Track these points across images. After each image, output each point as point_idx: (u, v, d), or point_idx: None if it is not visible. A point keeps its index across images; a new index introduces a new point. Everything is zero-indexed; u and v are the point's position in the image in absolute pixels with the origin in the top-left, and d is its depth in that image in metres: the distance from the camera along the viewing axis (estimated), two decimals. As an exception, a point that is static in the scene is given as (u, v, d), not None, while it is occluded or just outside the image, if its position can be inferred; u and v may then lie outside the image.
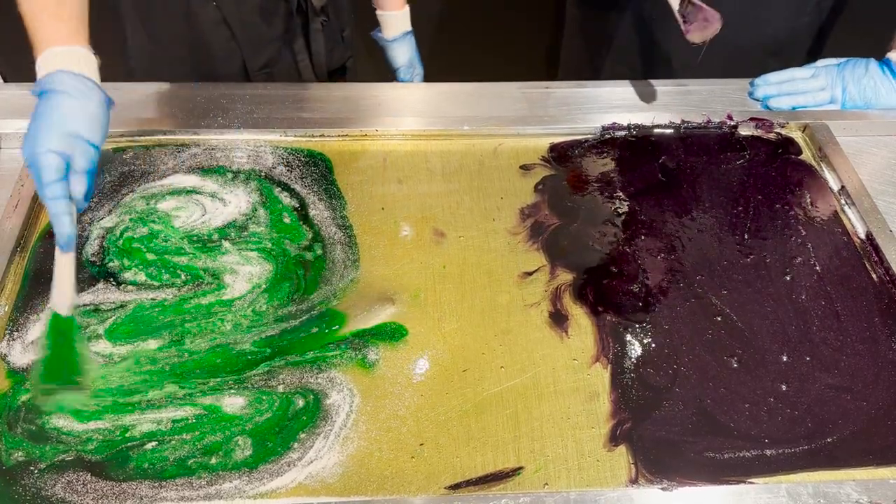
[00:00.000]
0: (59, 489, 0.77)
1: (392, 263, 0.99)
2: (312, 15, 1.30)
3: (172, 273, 0.96)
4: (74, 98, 0.85)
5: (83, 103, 0.85)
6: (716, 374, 0.89)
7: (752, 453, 0.83)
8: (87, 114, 0.85)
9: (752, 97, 1.27)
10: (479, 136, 1.17)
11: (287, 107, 1.20)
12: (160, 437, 0.81)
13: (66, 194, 0.83)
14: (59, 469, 0.78)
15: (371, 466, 0.80)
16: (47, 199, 0.83)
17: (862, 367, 0.90)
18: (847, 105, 1.23)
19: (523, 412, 0.85)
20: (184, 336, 0.90)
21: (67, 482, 0.77)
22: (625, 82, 1.29)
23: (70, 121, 0.84)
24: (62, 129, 0.83)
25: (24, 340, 0.88)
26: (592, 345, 0.91)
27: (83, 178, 0.85)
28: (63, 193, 0.83)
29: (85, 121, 0.85)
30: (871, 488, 0.79)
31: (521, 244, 1.02)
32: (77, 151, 0.84)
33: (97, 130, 0.86)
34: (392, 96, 1.25)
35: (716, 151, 1.16)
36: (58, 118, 0.84)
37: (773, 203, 1.09)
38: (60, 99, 0.84)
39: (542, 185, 1.10)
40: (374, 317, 0.93)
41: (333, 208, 1.05)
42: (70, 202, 0.84)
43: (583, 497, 0.78)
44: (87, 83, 0.86)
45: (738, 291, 0.97)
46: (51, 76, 0.85)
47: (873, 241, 1.02)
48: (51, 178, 0.82)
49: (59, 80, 0.85)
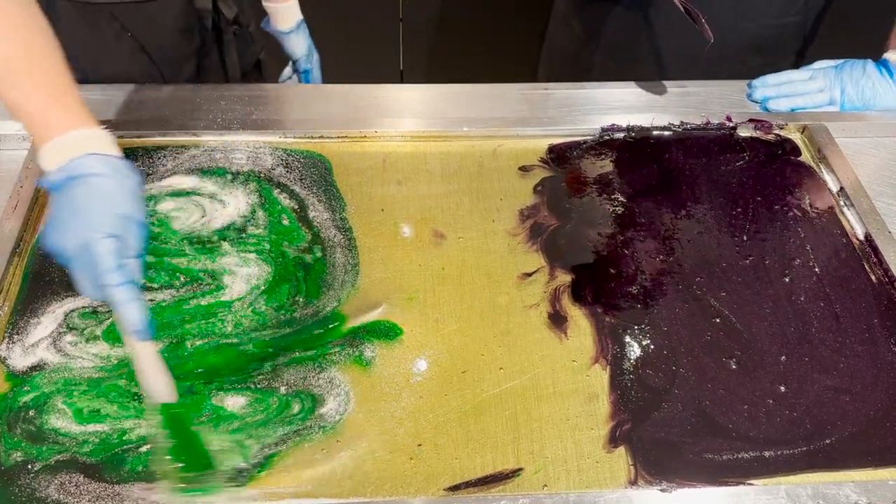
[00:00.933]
0: (53, 490, 0.77)
1: (391, 265, 0.99)
2: (225, 26, 1.31)
3: (171, 275, 0.96)
4: (114, 179, 0.79)
5: (123, 183, 0.80)
6: (715, 376, 0.89)
7: (751, 455, 0.83)
8: (129, 193, 0.80)
9: (750, 99, 1.27)
10: (478, 137, 1.17)
11: (286, 108, 1.20)
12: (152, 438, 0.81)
13: (130, 279, 0.77)
14: (54, 470, 0.78)
15: (369, 468, 0.80)
16: (113, 286, 0.75)
17: (861, 368, 0.90)
18: (846, 106, 1.23)
19: (522, 413, 0.85)
20: (183, 337, 0.90)
21: (61, 483, 0.77)
22: (623, 84, 1.29)
23: (118, 203, 0.79)
24: (113, 211, 0.78)
25: (24, 343, 0.88)
26: (591, 346, 0.92)
27: (139, 261, 0.80)
28: (127, 279, 0.77)
29: (130, 201, 0.80)
30: (871, 489, 0.79)
31: (521, 245, 1.02)
32: (129, 233, 0.78)
33: (142, 209, 0.81)
34: (391, 97, 1.25)
35: (715, 153, 1.16)
36: (105, 201, 0.78)
37: (772, 204, 1.09)
38: (101, 182, 0.79)
39: (542, 187, 1.10)
40: (372, 317, 0.93)
41: (333, 210, 1.05)
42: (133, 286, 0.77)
43: (582, 498, 0.78)
44: (121, 163, 0.81)
45: (737, 293, 0.97)
46: (80, 160, 0.79)
47: (872, 243, 1.02)
48: (113, 264, 0.76)
49: (92, 164, 0.79)
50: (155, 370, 0.80)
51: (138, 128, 1.13)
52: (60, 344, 0.88)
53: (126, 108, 1.17)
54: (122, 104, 1.18)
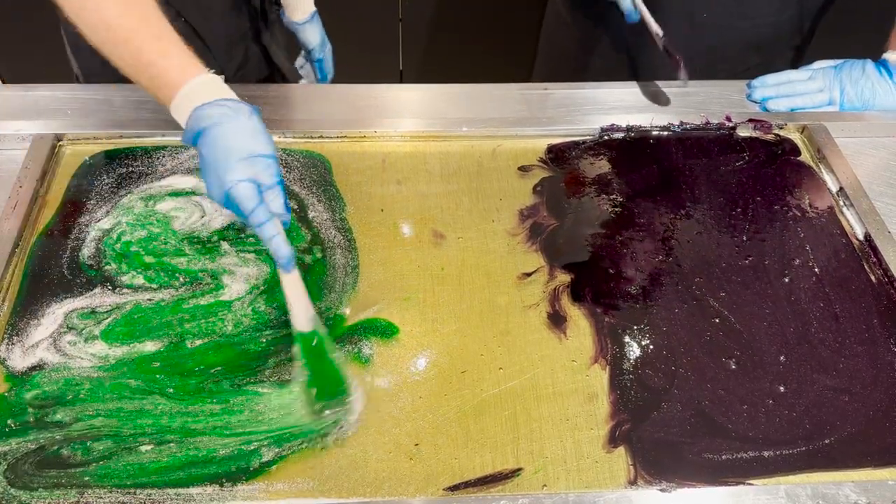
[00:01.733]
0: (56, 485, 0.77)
1: (391, 265, 0.99)
2: (270, 5, 1.33)
3: (171, 275, 0.96)
4: (231, 124, 0.83)
5: (240, 125, 0.83)
6: (714, 376, 0.89)
7: (751, 455, 0.83)
8: (251, 131, 0.83)
9: (749, 99, 1.27)
10: (477, 137, 1.17)
11: (286, 108, 1.20)
12: (155, 438, 0.81)
13: (271, 215, 0.82)
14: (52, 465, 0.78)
15: (369, 468, 0.80)
16: (255, 226, 0.81)
17: (860, 368, 0.90)
18: (845, 106, 1.23)
19: (522, 413, 0.85)
20: (183, 336, 0.90)
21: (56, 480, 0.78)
22: (623, 84, 1.30)
23: (241, 145, 0.82)
24: (237, 156, 0.82)
25: (24, 344, 0.88)
26: (591, 346, 0.92)
27: (276, 191, 0.83)
28: (267, 216, 0.81)
29: (253, 138, 0.83)
30: (870, 489, 0.79)
31: (520, 245, 1.02)
32: (260, 170, 0.82)
33: (267, 142, 0.85)
34: (390, 98, 1.25)
35: (714, 153, 1.16)
36: (229, 149, 0.82)
37: (771, 204, 1.09)
38: (220, 131, 0.82)
39: (541, 187, 1.10)
40: (370, 315, 0.93)
41: (332, 210, 1.05)
42: (276, 220, 0.82)
43: (582, 499, 0.78)
44: (234, 106, 0.84)
45: (737, 293, 0.97)
46: (198, 114, 0.83)
47: (872, 243, 1.02)
48: (251, 206, 0.81)
49: (209, 114, 0.83)
50: (300, 300, 0.85)
51: (138, 127, 1.13)
52: (60, 344, 0.88)
53: (127, 108, 1.17)
54: (123, 104, 1.18)
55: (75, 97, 1.19)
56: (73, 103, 1.17)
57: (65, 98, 1.19)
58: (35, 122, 1.12)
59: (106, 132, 1.12)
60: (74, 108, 1.17)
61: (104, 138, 1.12)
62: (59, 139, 1.11)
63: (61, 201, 1.03)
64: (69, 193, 1.04)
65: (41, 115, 1.15)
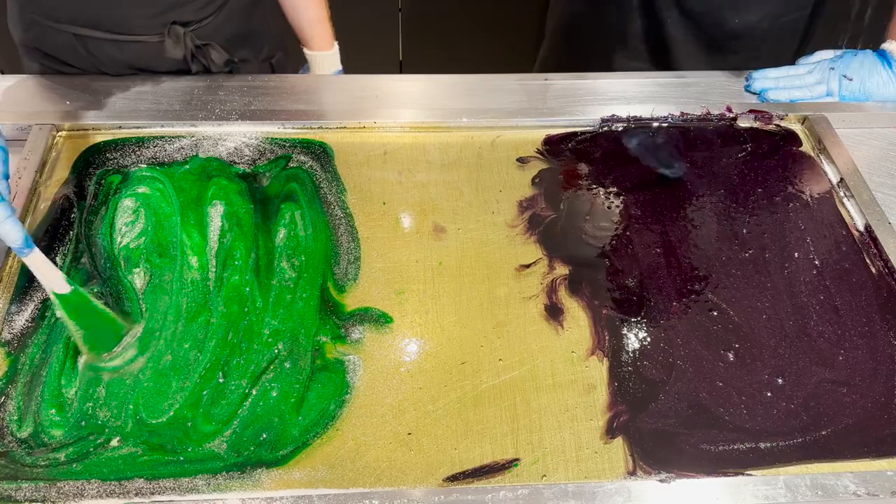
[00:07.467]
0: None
1: (392, 255, 0.99)
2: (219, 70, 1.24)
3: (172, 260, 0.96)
4: None
5: None
6: (712, 368, 0.89)
7: (747, 446, 0.83)
8: None
9: (748, 90, 1.27)
10: (477, 128, 1.16)
11: (285, 98, 1.20)
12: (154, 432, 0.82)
13: None
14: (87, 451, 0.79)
15: (368, 458, 0.81)
16: None
17: (860, 360, 0.90)
18: (845, 97, 1.23)
19: (521, 404, 0.86)
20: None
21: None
22: (623, 74, 1.29)
23: None
24: None
25: (21, 327, 0.89)
26: (589, 337, 0.92)
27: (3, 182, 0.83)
28: None
29: None
30: (869, 480, 0.80)
31: (520, 237, 1.02)
32: None
33: None
34: (390, 88, 1.24)
35: (715, 144, 1.16)
36: None
37: (771, 195, 1.09)
38: None
39: (539, 178, 1.10)
40: (368, 305, 0.94)
41: (336, 194, 1.05)
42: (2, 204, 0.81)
43: (581, 489, 0.78)
44: None
45: (735, 285, 0.97)
46: None
47: (872, 234, 1.02)
48: None
49: None
50: (45, 269, 0.87)
51: (135, 118, 1.13)
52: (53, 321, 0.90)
53: (125, 99, 1.17)
54: (121, 95, 1.18)
55: (74, 88, 1.18)
56: (71, 94, 1.17)
57: (63, 89, 1.18)
58: (34, 112, 1.12)
59: (104, 123, 1.11)
60: (73, 98, 1.16)
61: (103, 129, 1.12)
62: (57, 130, 1.10)
63: (60, 192, 1.03)
64: (68, 184, 1.04)
65: (40, 106, 1.15)
